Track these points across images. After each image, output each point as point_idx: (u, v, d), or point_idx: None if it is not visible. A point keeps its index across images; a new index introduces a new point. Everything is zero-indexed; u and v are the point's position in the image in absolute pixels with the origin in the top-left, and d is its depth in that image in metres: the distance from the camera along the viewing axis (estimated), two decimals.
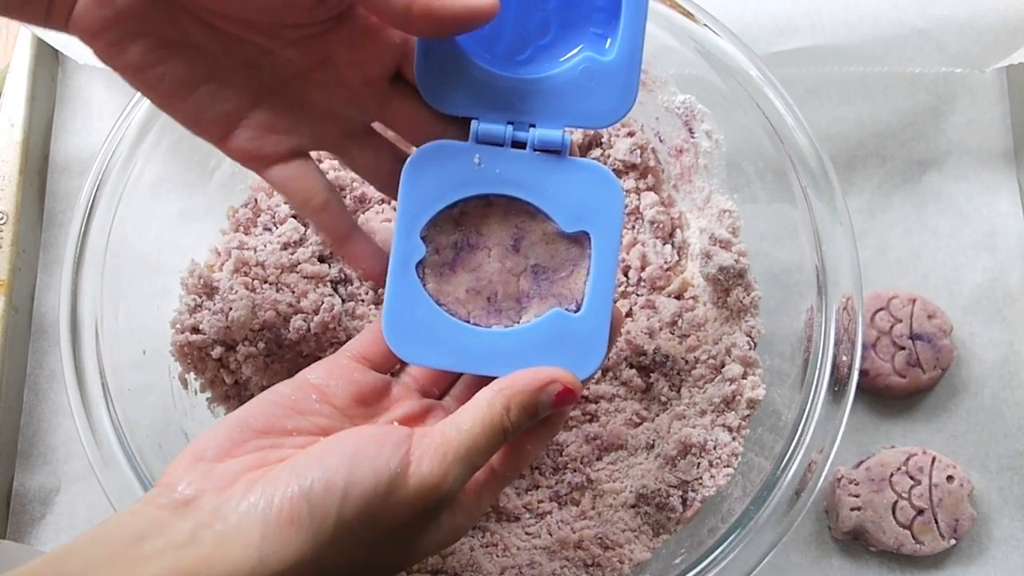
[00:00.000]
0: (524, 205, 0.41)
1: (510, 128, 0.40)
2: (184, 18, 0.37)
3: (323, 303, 0.55)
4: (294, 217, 0.57)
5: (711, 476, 0.52)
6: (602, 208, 0.41)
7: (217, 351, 0.53)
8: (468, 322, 0.41)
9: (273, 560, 0.32)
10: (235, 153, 0.40)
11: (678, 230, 0.59)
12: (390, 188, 0.42)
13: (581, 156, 0.60)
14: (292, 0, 0.36)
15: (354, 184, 0.59)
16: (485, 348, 0.40)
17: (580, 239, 0.41)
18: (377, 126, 0.44)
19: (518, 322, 0.41)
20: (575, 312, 0.41)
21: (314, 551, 0.33)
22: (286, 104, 0.40)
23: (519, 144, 0.41)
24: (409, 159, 0.41)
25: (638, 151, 0.59)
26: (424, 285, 0.41)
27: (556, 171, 0.41)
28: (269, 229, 0.58)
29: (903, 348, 0.60)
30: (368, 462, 0.34)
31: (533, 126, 0.41)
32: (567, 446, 0.54)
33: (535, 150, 0.41)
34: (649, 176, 0.60)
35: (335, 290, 0.57)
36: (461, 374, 0.45)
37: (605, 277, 0.41)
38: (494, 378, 0.39)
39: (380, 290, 0.55)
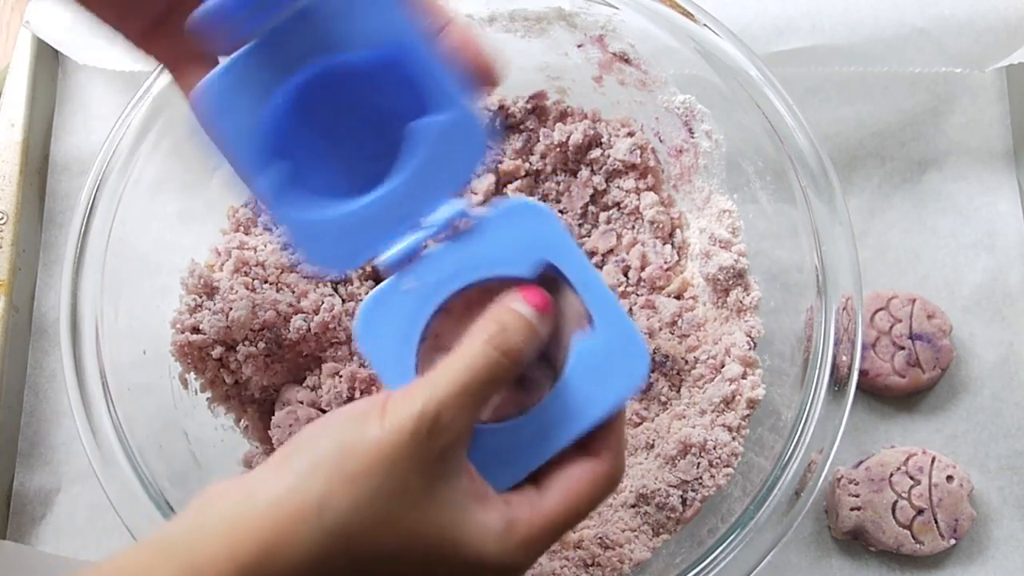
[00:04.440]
0: (479, 286, 0.38)
1: (408, 238, 0.38)
2: None
3: (323, 303, 0.55)
4: None
5: (711, 476, 0.52)
6: (543, 234, 0.38)
7: (217, 351, 0.53)
8: (504, 420, 0.38)
9: (260, 492, 0.33)
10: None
11: (678, 230, 0.60)
12: None
13: (582, 157, 0.61)
14: None
15: None
16: (538, 428, 0.37)
17: (549, 273, 0.38)
18: None
19: (553, 381, 0.38)
20: (591, 329, 0.38)
21: (298, 483, 0.33)
22: None
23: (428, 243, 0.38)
24: (355, 325, 0.38)
25: (638, 151, 0.59)
26: None
27: (480, 235, 0.38)
28: (269, 229, 0.58)
29: (903, 348, 0.60)
30: (345, 411, 0.35)
31: (425, 218, 0.38)
32: None
33: (445, 235, 0.38)
34: (649, 176, 0.60)
35: (335, 290, 0.57)
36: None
37: (595, 284, 0.38)
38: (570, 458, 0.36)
39: None
